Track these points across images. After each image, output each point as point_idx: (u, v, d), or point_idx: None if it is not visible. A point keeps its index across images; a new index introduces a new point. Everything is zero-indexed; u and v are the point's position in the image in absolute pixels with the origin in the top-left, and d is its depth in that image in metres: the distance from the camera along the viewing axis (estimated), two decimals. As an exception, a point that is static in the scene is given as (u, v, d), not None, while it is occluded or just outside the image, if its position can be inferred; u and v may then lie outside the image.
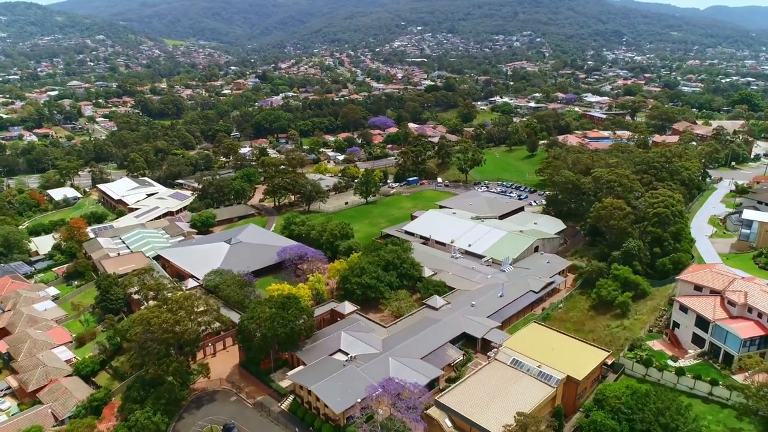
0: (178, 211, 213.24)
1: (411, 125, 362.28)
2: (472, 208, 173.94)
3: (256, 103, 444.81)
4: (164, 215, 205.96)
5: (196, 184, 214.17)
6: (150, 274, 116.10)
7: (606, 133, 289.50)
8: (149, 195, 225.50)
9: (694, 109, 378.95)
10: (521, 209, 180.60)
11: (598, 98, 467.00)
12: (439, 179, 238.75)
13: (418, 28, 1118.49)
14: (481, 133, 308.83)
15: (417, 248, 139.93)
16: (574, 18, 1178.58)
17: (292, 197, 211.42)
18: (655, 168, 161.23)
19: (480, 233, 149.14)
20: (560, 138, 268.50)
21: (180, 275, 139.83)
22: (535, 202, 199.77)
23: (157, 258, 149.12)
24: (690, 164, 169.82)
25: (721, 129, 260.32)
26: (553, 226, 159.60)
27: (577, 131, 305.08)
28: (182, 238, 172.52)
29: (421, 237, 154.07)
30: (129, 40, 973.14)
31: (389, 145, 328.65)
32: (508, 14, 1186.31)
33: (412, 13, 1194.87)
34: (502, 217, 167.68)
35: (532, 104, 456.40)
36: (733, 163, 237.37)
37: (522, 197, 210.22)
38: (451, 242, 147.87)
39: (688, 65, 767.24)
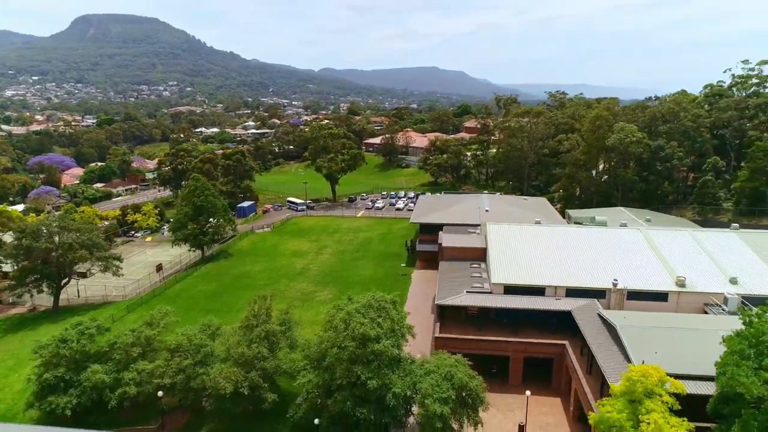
0: None
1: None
2: (520, 217, 79.13)
3: None
4: None
5: None
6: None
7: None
8: None
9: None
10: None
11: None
12: (295, 199, 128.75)
13: (35, 77, 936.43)
14: (263, 145, 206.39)
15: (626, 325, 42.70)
16: (217, 71, 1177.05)
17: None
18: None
19: (687, 253, 57.89)
20: (399, 135, 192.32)
21: None
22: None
23: None
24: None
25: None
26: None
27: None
28: None
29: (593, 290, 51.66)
30: None
31: (100, 184, 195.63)
32: (145, 65, 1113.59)
33: (20, 61, 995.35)
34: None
35: (253, 131, 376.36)
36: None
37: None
38: (681, 284, 51.33)
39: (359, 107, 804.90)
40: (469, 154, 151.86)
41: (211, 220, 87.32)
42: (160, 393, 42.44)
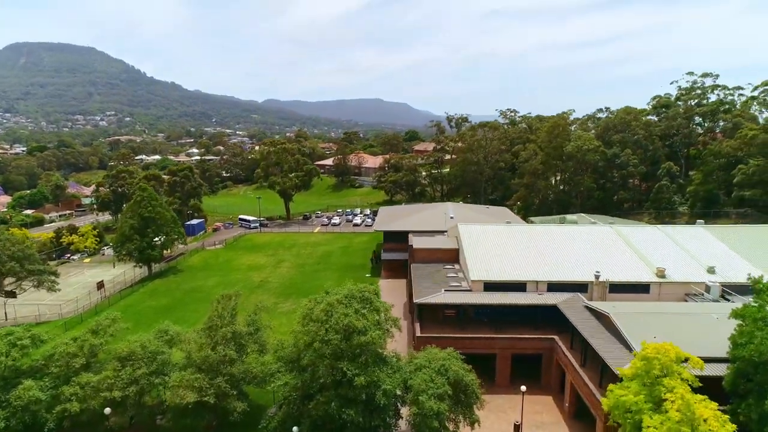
0: None
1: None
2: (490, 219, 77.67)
3: None
4: None
5: None
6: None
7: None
8: None
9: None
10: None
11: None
12: (247, 216, 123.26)
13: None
14: (209, 167, 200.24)
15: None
16: (158, 101, 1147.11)
17: None
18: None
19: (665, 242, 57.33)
20: (352, 156, 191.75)
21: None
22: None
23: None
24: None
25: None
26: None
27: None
28: None
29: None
30: None
31: (30, 210, 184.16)
32: (81, 95, 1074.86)
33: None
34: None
35: (197, 158, 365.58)
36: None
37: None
38: (662, 275, 50.68)
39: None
40: (424, 172, 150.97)
41: (158, 237, 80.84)
42: (107, 410, 36.58)
